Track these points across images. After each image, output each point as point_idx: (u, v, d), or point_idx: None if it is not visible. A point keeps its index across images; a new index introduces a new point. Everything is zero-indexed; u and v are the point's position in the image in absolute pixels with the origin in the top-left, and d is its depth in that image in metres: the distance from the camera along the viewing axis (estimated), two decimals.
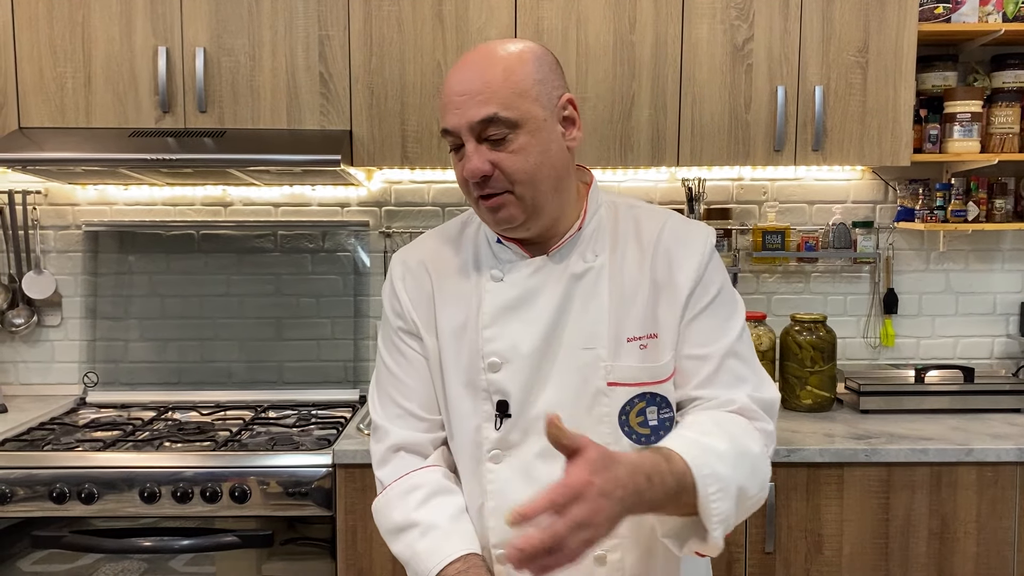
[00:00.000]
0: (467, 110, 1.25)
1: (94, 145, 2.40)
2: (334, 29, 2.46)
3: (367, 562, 2.24)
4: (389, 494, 1.36)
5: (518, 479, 1.31)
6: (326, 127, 2.47)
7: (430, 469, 1.37)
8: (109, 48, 2.46)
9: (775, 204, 2.86)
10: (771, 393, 1.33)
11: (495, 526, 1.33)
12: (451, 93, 1.26)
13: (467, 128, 1.25)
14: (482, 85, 1.24)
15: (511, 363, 1.32)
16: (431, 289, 1.40)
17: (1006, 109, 2.64)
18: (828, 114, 2.47)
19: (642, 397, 1.31)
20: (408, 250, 1.47)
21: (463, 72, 1.27)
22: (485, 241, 1.40)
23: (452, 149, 1.30)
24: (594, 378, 1.31)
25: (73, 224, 2.88)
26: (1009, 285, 2.91)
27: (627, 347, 1.31)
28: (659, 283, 1.33)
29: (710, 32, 2.45)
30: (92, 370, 2.85)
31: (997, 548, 2.26)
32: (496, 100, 1.24)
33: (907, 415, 2.53)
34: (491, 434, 1.33)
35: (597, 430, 1.29)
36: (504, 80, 1.25)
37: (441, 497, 1.34)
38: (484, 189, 1.27)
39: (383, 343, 1.44)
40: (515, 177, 1.26)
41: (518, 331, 1.32)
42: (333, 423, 2.49)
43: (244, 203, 2.88)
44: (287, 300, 2.86)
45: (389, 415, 1.40)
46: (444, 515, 1.31)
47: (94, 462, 2.20)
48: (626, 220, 1.39)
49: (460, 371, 1.35)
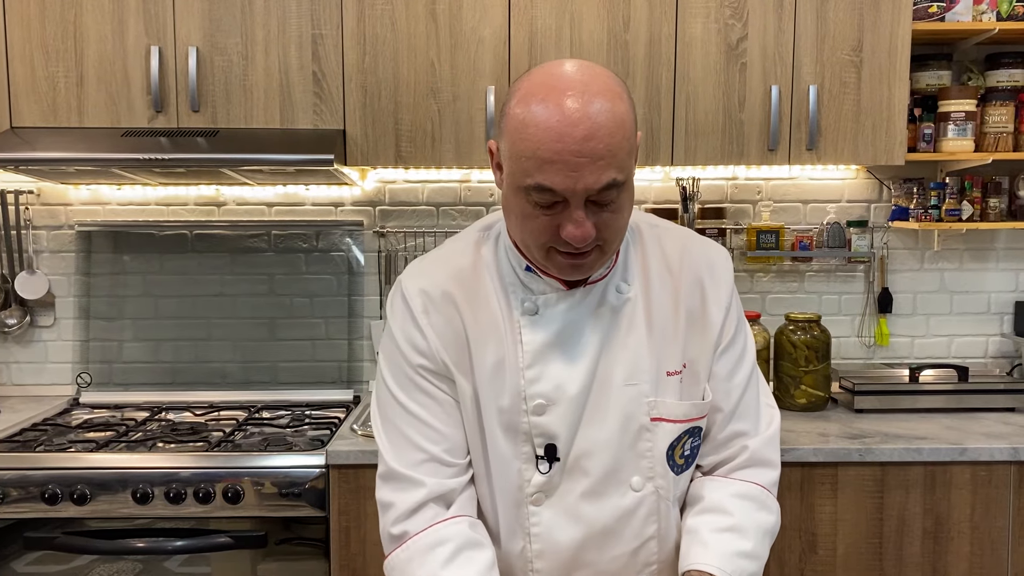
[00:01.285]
0: (586, 175, 1.10)
1: (87, 145, 2.39)
2: (327, 28, 2.45)
3: (360, 562, 2.23)
4: (411, 548, 1.25)
5: (563, 521, 1.29)
6: (319, 126, 2.46)
7: (456, 520, 1.27)
8: (101, 47, 2.45)
9: (769, 203, 2.86)
10: (776, 423, 1.39)
11: (542, 568, 1.30)
12: (564, 151, 1.09)
13: (582, 194, 1.11)
14: (605, 149, 1.10)
15: (558, 405, 1.26)
16: (462, 325, 1.28)
17: (1000, 108, 2.64)
18: (822, 113, 2.47)
19: (688, 432, 1.31)
20: (423, 277, 1.31)
21: (580, 128, 1.09)
22: (509, 267, 1.30)
23: (538, 204, 1.14)
24: (638, 414, 1.28)
25: (66, 224, 2.87)
26: (1003, 284, 2.91)
27: (667, 381, 1.29)
28: (692, 314, 1.32)
29: (704, 31, 2.45)
30: (85, 370, 2.84)
31: (991, 547, 2.26)
32: (615, 164, 1.12)
33: (902, 414, 2.53)
34: (535, 477, 1.27)
35: (639, 464, 1.29)
36: (622, 140, 1.12)
37: (469, 552, 1.24)
38: (578, 249, 1.16)
39: (395, 379, 1.30)
40: (610, 235, 1.18)
41: (563, 371, 1.26)
42: (327, 423, 2.48)
43: (237, 203, 2.88)
44: (281, 300, 2.86)
45: (411, 462, 1.27)
46: (474, 573, 1.23)
47: (87, 463, 2.19)
48: (651, 243, 1.34)
49: (499, 412, 1.27)
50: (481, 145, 2.47)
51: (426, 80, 2.46)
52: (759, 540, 1.30)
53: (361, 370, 2.89)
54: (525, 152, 1.12)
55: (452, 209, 2.87)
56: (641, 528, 1.30)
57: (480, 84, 2.45)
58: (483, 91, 2.45)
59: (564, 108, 1.10)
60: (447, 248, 1.37)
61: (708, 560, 1.25)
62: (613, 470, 1.28)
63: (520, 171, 1.13)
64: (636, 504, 1.29)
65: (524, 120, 1.12)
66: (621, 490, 1.28)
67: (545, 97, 1.12)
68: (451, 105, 2.46)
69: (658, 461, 1.29)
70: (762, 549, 1.30)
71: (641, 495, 1.29)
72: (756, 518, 1.31)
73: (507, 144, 1.16)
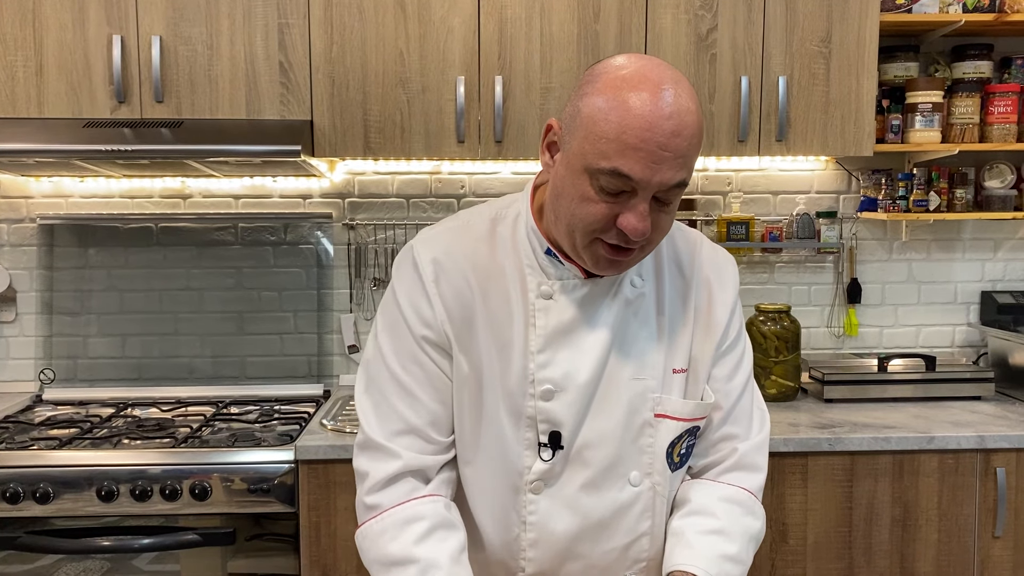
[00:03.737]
0: (665, 170, 1.09)
1: (47, 136, 2.34)
2: (294, 17, 2.42)
3: (331, 558, 2.21)
4: (385, 520, 1.23)
5: (561, 511, 1.27)
6: (286, 117, 2.43)
7: (433, 499, 1.25)
8: (61, 36, 2.39)
9: (739, 195, 2.87)
10: (767, 428, 1.40)
11: (534, 557, 1.29)
12: (654, 143, 1.08)
13: (657, 187, 1.10)
14: (687, 148, 1.10)
15: (566, 392, 1.24)
16: (472, 300, 1.25)
17: (966, 99, 2.66)
18: (792, 104, 2.48)
19: (688, 432, 1.31)
20: (436, 244, 1.27)
21: (673, 123, 1.08)
22: (528, 247, 1.27)
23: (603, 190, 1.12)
24: (643, 409, 1.27)
25: (27, 217, 2.81)
26: (969, 274, 2.94)
27: (674, 379, 1.29)
28: (699, 314, 1.32)
29: (674, 22, 2.44)
30: (48, 366, 2.79)
31: (958, 535, 2.28)
32: (688, 166, 1.12)
33: (870, 404, 2.56)
34: (536, 464, 1.26)
35: (639, 460, 1.29)
36: (699, 143, 1.13)
37: (444, 532, 1.23)
38: (628, 243, 1.15)
39: (392, 347, 1.26)
40: (656, 237, 1.18)
41: (573, 358, 1.24)
42: (296, 418, 2.45)
43: (203, 195, 2.83)
44: (249, 294, 2.82)
45: (391, 432, 1.25)
46: (446, 554, 1.20)
47: (50, 460, 2.15)
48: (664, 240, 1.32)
49: (504, 394, 1.25)
50: (451, 136, 2.44)
51: (395, 70, 2.43)
52: (744, 545, 1.30)
53: (331, 364, 2.86)
54: (607, 134, 1.09)
55: (423, 201, 2.85)
56: (635, 524, 1.30)
57: (450, 74, 2.43)
58: (453, 81, 2.43)
59: (659, 99, 1.08)
60: (462, 219, 1.32)
61: (693, 561, 1.25)
62: (614, 463, 1.27)
63: (595, 152, 1.10)
64: (633, 499, 1.29)
65: (613, 104, 1.09)
66: (619, 484, 1.28)
67: (637, 85, 1.09)
68: (420, 96, 2.44)
69: (658, 458, 1.29)
70: (746, 554, 1.30)
71: (638, 490, 1.29)
72: (742, 523, 1.31)
73: (584, 124, 1.12)
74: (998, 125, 2.66)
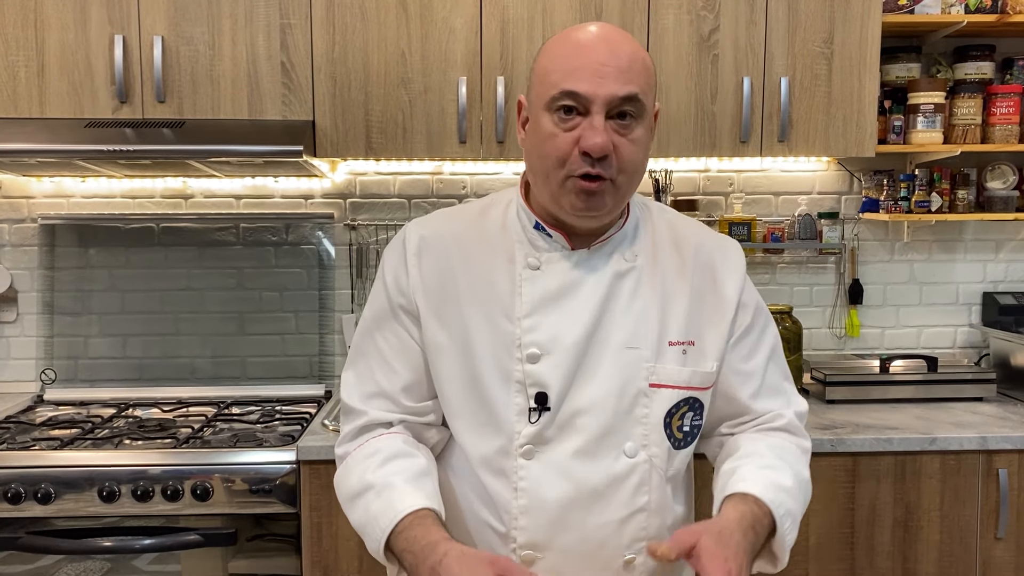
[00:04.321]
0: (610, 82, 1.19)
1: (49, 136, 2.33)
2: (296, 18, 2.41)
3: (333, 558, 2.21)
4: (348, 462, 1.32)
5: (553, 477, 1.27)
6: (288, 117, 2.43)
7: (390, 436, 1.32)
8: (63, 36, 2.39)
9: (741, 195, 2.86)
10: (804, 404, 1.43)
11: (526, 525, 1.28)
12: (593, 60, 1.20)
13: (605, 100, 1.20)
14: (629, 64, 1.21)
15: (552, 355, 1.27)
16: (455, 273, 1.32)
17: (968, 100, 2.66)
18: (794, 105, 2.48)
19: (687, 402, 1.32)
20: (427, 224, 1.38)
21: (608, 45, 1.21)
22: (518, 226, 1.34)
23: (560, 110, 1.21)
24: (636, 378, 1.29)
25: (28, 217, 2.81)
26: (971, 275, 2.94)
27: (669, 351, 1.31)
28: (701, 294, 1.34)
29: (676, 22, 2.44)
30: (50, 367, 2.79)
31: (960, 536, 2.28)
32: (638, 83, 1.21)
33: (872, 405, 2.55)
34: (525, 428, 1.28)
35: (633, 430, 1.29)
36: (643, 67, 1.23)
37: (401, 460, 1.27)
38: (596, 168, 1.21)
39: (373, 313, 1.36)
40: (625, 166, 1.23)
41: (560, 322, 1.28)
42: (298, 419, 2.45)
43: (205, 195, 2.83)
44: (250, 294, 2.82)
45: (364, 395, 1.34)
46: (400, 476, 1.24)
47: (51, 461, 2.15)
48: (660, 223, 1.39)
49: (495, 363, 1.29)
50: (453, 136, 2.44)
51: (397, 70, 2.43)
52: (798, 485, 1.29)
53: (332, 365, 2.86)
54: (553, 66, 1.23)
55: (424, 201, 2.85)
56: (631, 497, 1.29)
57: (452, 75, 2.43)
58: (455, 82, 2.43)
59: (594, 31, 1.23)
60: (460, 207, 1.44)
61: (749, 487, 1.23)
62: (607, 432, 1.28)
63: (547, 85, 1.22)
64: (628, 470, 1.28)
65: (554, 48, 1.24)
66: (614, 454, 1.28)
67: (577, 29, 1.25)
68: (422, 96, 2.44)
69: (654, 428, 1.29)
70: (800, 495, 1.29)
71: (634, 462, 1.28)
72: (794, 465, 1.31)
73: (536, 76, 1.26)
74: (1000, 126, 2.66)
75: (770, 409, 1.37)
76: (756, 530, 1.19)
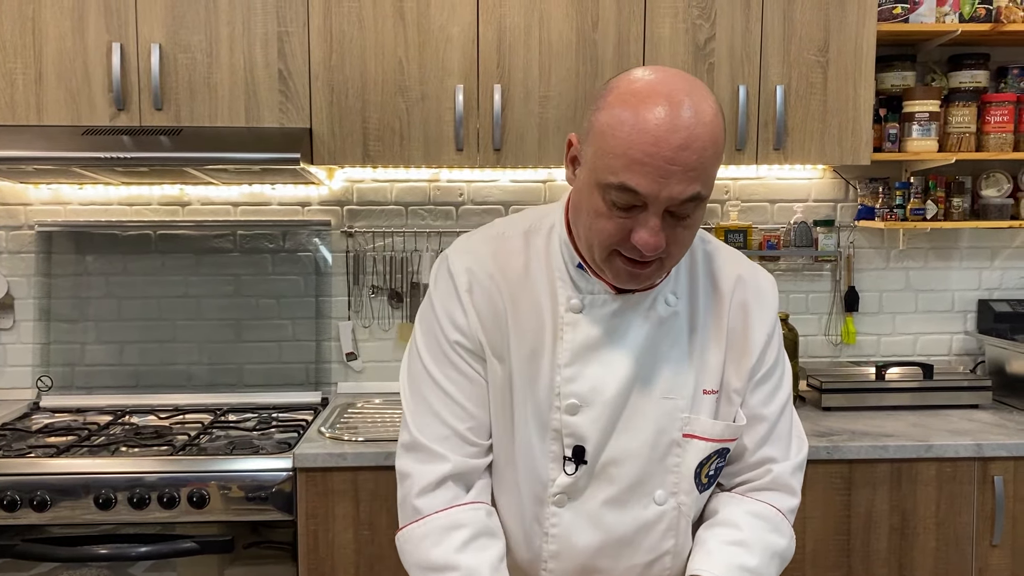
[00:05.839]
0: (673, 184, 1.08)
1: (46, 143, 2.34)
2: (293, 26, 2.42)
3: (329, 566, 2.21)
4: (428, 525, 1.25)
5: (583, 525, 1.27)
6: (285, 125, 2.43)
7: (475, 507, 1.27)
8: (61, 44, 2.40)
9: (737, 203, 2.87)
10: (804, 452, 1.38)
11: (555, 568, 1.29)
12: (658, 156, 1.07)
13: (665, 201, 1.09)
14: (698, 161, 1.08)
15: (591, 407, 1.24)
16: (503, 309, 1.27)
17: (963, 109, 2.67)
18: (789, 113, 2.49)
19: (718, 453, 1.30)
20: (470, 256, 1.30)
21: (678, 134, 1.07)
22: (562, 262, 1.27)
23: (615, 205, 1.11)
24: (671, 429, 1.26)
25: (25, 224, 2.81)
26: (966, 282, 2.95)
27: (703, 400, 1.28)
28: (733, 338, 1.30)
29: (672, 31, 2.45)
30: (46, 374, 2.78)
31: (956, 542, 2.29)
32: (703, 178, 1.10)
33: (868, 412, 2.56)
34: (560, 478, 1.26)
35: (665, 479, 1.28)
36: (714, 154, 1.10)
37: (485, 540, 1.25)
38: (643, 257, 1.14)
39: (429, 352, 1.29)
40: (676, 251, 1.17)
41: (601, 373, 1.24)
42: (294, 426, 2.45)
43: (202, 202, 2.83)
44: (247, 301, 2.82)
45: (436, 436, 1.27)
46: (487, 563, 1.22)
47: (48, 468, 2.15)
48: (701, 258, 1.32)
49: (533, 405, 1.26)
50: (450, 144, 2.45)
51: (394, 78, 2.44)
52: (766, 560, 1.28)
53: (329, 372, 2.86)
54: (615, 149, 1.09)
55: (421, 209, 2.85)
56: (659, 542, 1.29)
57: (449, 83, 2.44)
58: (452, 90, 2.43)
59: (664, 112, 1.08)
60: (497, 228, 1.34)
61: (710, 568, 1.25)
62: (639, 481, 1.27)
63: (605, 168, 1.11)
64: (657, 518, 1.28)
65: (620, 118, 1.09)
66: (644, 502, 1.28)
67: (646, 99, 1.09)
68: (419, 104, 2.44)
69: (685, 478, 1.28)
70: (767, 570, 1.28)
71: (663, 509, 1.28)
72: (766, 538, 1.29)
73: (595, 139, 1.13)
74: (994, 134, 2.67)
75: (768, 457, 1.33)
76: None
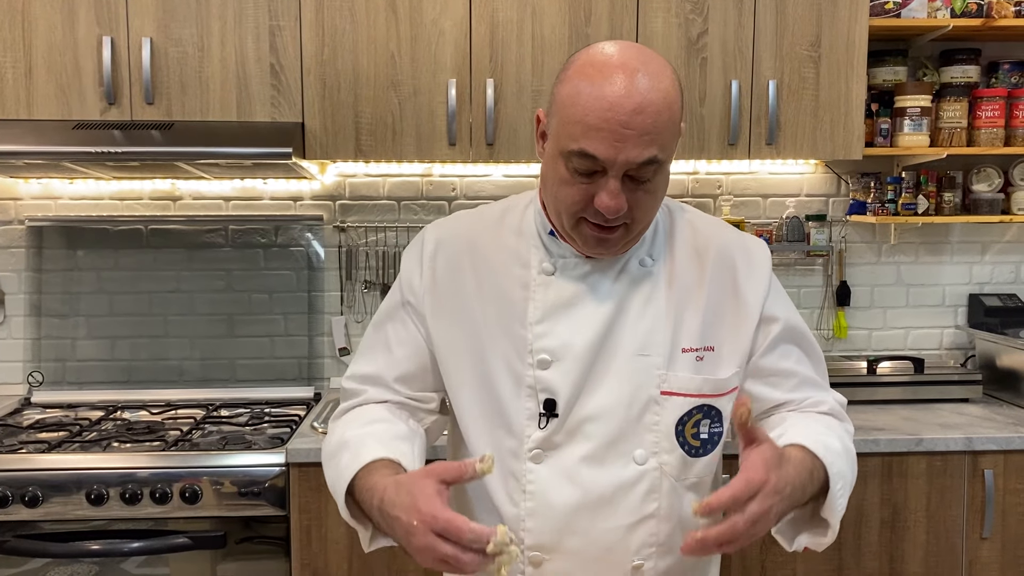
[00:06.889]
0: (629, 147, 1.13)
1: (36, 137, 2.32)
2: (285, 20, 2.41)
3: (322, 562, 2.21)
4: (332, 427, 1.34)
5: (560, 482, 1.28)
6: (277, 119, 2.43)
7: (377, 405, 1.34)
8: (51, 37, 2.39)
9: (730, 198, 2.88)
10: (843, 397, 1.39)
11: (533, 527, 1.28)
12: (613, 121, 1.12)
13: (622, 165, 1.14)
14: (652, 125, 1.13)
15: (562, 361, 1.27)
16: (466, 273, 1.33)
17: (954, 104, 2.68)
18: (781, 108, 2.49)
19: (700, 409, 1.30)
20: (446, 225, 1.39)
21: (631, 101, 1.12)
22: (534, 231, 1.33)
23: (576, 171, 1.17)
24: (647, 386, 1.27)
25: (16, 219, 2.79)
26: (957, 277, 2.96)
27: (682, 357, 1.29)
28: (720, 298, 1.31)
29: (665, 26, 2.45)
30: (37, 369, 2.77)
31: (946, 536, 2.30)
32: (659, 142, 1.15)
33: (860, 406, 2.57)
34: (534, 433, 1.28)
35: (644, 438, 1.28)
36: (669, 119, 1.15)
37: (381, 424, 1.29)
38: (607, 222, 1.19)
39: (386, 306, 1.39)
40: (640, 215, 1.21)
41: (571, 329, 1.28)
42: (287, 421, 2.45)
43: (194, 197, 2.82)
44: (239, 296, 2.81)
45: (363, 377, 1.37)
46: (377, 436, 1.25)
47: (39, 464, 2.14)
48: (681, 224, 1.37)
49: (507, 366, 1.30)
50: (442, 139, 2.45)
51: (386, 73, 2.43)
52: (848, 454, 1.25)
53: (321, 367, 2.85)
54: (573, 118, 1.15)
55: (414, 203, 2.85)
56: (640, 504, 1.28)
57: (441, 77, 2.43)
58: (444, 84, 2.43)
59: (619, 81, 1.14)
60: (481, 208, 1.44)
61: (801, 441, 1.20)
62: (617, 439, 1.27)
63: (566, 136, 1.17)
64: (637, 477, 1.28)
65: (578, 88, 1.16)
66: (623, 461, 1.28)
67: (601, 69, 1.15)
68: (412, 98, 2.44)
69: (664, 436, 1.28)
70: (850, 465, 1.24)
71: (643, 469, 1.28)
72: (844, 440, 1.27)
73: (557, 109, 1.20)
74: (985, 129, 2.68)
75: (810, 396, 1.34)
76: (813, 476, 1.16)
